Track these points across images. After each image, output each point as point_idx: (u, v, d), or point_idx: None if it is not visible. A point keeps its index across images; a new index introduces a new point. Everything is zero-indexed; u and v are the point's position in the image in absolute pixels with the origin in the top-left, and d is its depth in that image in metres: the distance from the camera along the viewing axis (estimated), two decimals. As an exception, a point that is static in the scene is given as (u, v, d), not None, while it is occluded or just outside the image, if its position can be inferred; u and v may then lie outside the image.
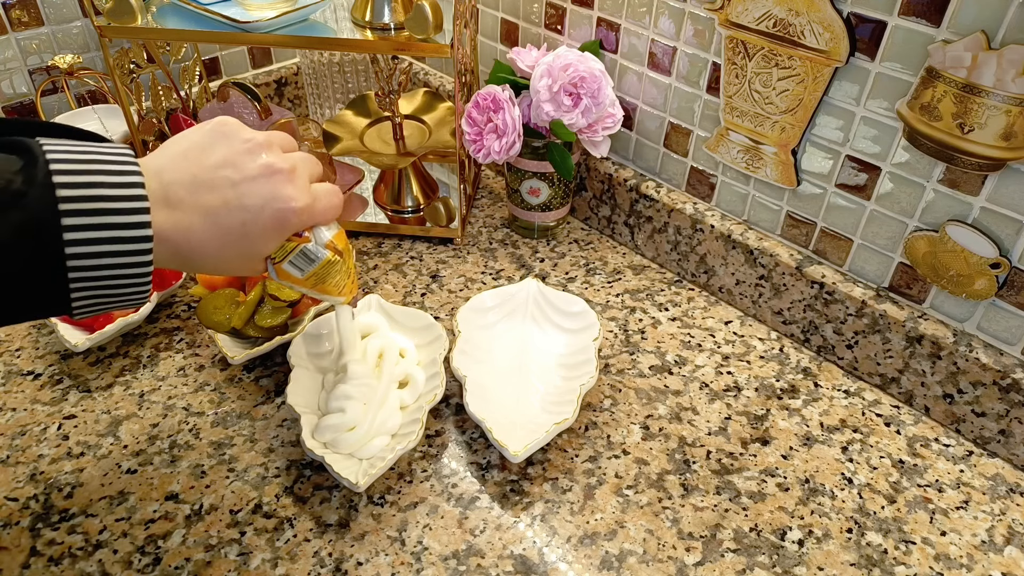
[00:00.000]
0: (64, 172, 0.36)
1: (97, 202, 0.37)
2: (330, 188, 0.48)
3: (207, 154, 0.43)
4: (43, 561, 0.53)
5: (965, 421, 0.63)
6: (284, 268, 0.47)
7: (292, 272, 0.48)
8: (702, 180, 0.76)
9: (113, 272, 0.38)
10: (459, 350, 0.65)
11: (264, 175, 0.44)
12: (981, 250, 0.57)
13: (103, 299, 0.39)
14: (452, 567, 0.53)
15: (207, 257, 0.43)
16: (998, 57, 0.51)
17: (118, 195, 0.37)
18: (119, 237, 0.37)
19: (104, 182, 0.37)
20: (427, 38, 0.71)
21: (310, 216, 0.46)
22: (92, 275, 0.37)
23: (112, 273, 0.38)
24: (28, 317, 0.39)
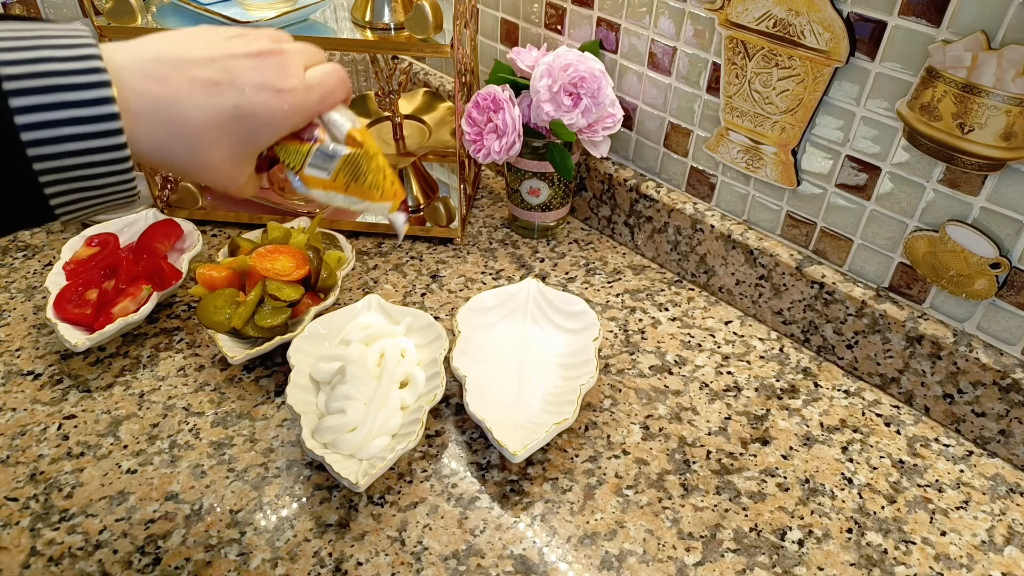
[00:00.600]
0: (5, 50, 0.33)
1: (46, 78, 0.33)
2: (328, 68, 0.43)
3: (195, 36, 0.39)
4: (43, 561, 0.53)
5: (965, 421, 0.63)
6: (307, 173, 0.43)
7: (317, 175, 0.43)
8: (702, 180, 0.76)
9: (83, 160, 0.34)
10: (459, 350, 0.65)
11: (260, 54, 0.40)
12: (981, 250, 0.57)
13: (82, 192, 0.35)
14: (452, 567, 0.53)
15: (192, 143, 0.38)
16: (998, 57, 0.51)
17: (70, 69, 0.34)
18: (79, 117, 0.34)
19: (53, 56, 0.33)
20: (427, 38, 0.71)
21: (305, 103, 0.42)
22: (60, 164, 0.34)
23: (82, 161, 0.34)
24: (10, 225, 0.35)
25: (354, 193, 0.45)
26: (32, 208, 0.35)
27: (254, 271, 0.70)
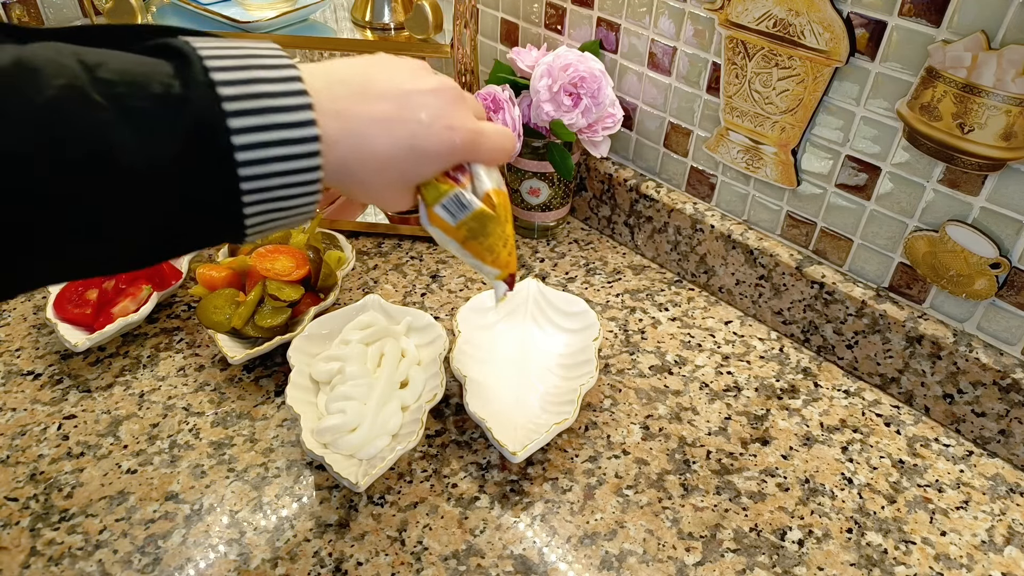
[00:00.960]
0: (222, 69, 0.33)
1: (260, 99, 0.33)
2: (502, 129, 0.46)
3: (377, 67, 0.41)
4: (43, 561, 0.53)
5: (965, 421, 0.63)
6: (436, 211, 0.44)
7: (444, 217, 0.44)
8: (702, 180, 0.76)
9: (284, 180, 0.35)
10: (459, 350, 0.65)
11: (437, 91, 0.41)
12: (981, 250, 0.57)
13: (274, 212, 0.36)
14: (452, 567, 0.53)
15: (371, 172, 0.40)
16: (998, 57, 0.51)
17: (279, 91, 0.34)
18: (287, 139, 0.34)
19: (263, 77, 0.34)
20: (427, 38, 0.71)
21: (475, 146, 0.43)
22: (263, 185, 0.34)
23: (283, 181, 0.35)
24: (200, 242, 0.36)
25: (470, 249, 0.46)
26: (228, 227, 0.35)
27: (254, 271, 0.70)
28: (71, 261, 0.33)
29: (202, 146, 0.32)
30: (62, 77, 0.30)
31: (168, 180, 0.32)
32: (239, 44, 0.35)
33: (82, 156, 0.30)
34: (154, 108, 0.31)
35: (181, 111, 0.32)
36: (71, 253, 0.32)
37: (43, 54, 0.30)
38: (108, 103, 0.30)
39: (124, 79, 0.31)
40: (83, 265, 0.34)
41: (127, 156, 0.30)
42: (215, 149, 0.33)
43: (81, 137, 0.30)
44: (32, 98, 0.29)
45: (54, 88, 0.29)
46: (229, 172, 0.33)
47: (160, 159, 0.31)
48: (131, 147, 0.30)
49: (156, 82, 0.32)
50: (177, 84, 0.32)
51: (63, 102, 0.29)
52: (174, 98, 0.32)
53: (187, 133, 0.32)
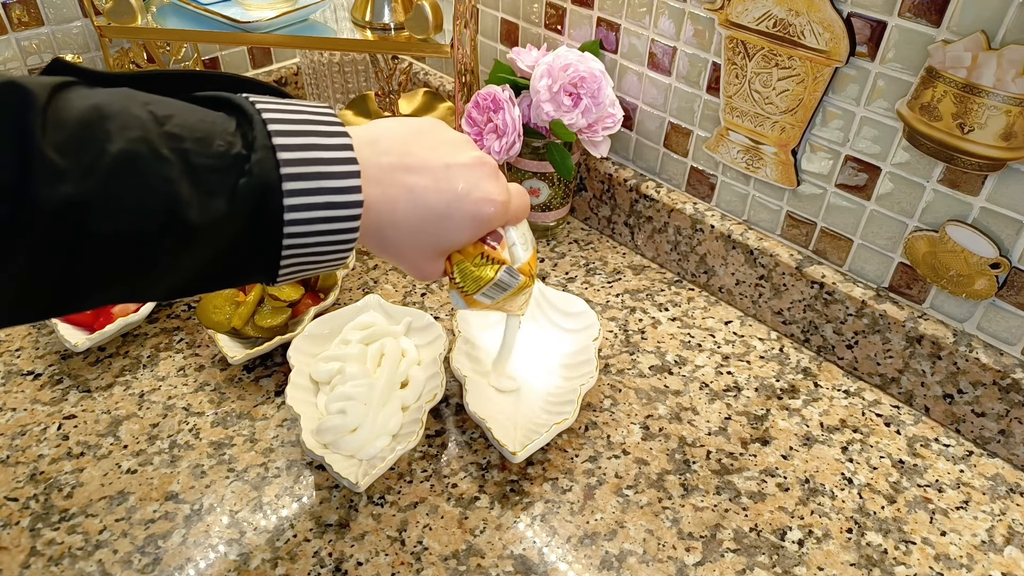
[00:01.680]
0: (282, 134, 0.35)
1: (314, 165, 0.35)
2: (520, 189, 0.48)
3: (419, 138, 0.43)
4: (43, 561, 0.53)
5: (965, 421, 0.63)
6: (477, 299, 0.47)
7: (483, 301, 0.47)
8: (702, 180, 0.76)
9: (321, 239, 0.37)
10: (459, 350, 0.65)
11: (475, 165, 0.43)
12: (981, 250, 0.57)
13: (305, 266, 0.38)
14: (452, 567, 0.53)
15: (402, 236, 0.42)
16: (998, 57, 0.51)
17: (332, 158, 0.36)
18: (332, 203, 0.36)
19: (319, 144, 0.36)
20: (427, 38, 0.71)
21: (505, 213, 0.45)
22: (302, 242, 0.36)
23: (320, 240, 0.37)
24: (231, 284, 0.38)
25: (498, 308, 0.49)
26: (260, 271, 0.37)
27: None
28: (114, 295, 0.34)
29: (257, 206, 0.34)
30: (135, 129, 0.31)
31: (220, 234, 0.34)
32: (296, 105, 0.37)
33: (146, 207, 0.31)
34: (217, 166, 0.33)
35: (242, 172, 0.33)
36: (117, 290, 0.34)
37: (118, 102, 0.32)
38: (175, 158, 0.32)
39: (191, 135, 0.33)
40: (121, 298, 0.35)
41: (188, 210, 0.32)
42: (268, 210, 0.34)
43: (148, 189, 0.31)
44: (107, 148, 0.30)
45: (127, 140, 0.31)
46: (276, 231, 0.35)
47: (217, 215, 0.33)
48: (192, 202, 0.32)
49: (219, 139, 0.33)
50: (239, 144, 0.34)
51: (135, 155, 0.31)
52: (235, 157, 0.33)
53: (244, 194, 0.33)
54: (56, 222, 0.29)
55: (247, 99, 0.36)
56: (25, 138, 0.28)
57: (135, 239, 0.31)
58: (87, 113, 0.31)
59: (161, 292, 0.36)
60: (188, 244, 0.33)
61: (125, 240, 0.31)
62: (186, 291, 0.37)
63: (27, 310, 0.33)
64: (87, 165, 0.30)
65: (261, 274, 0.38)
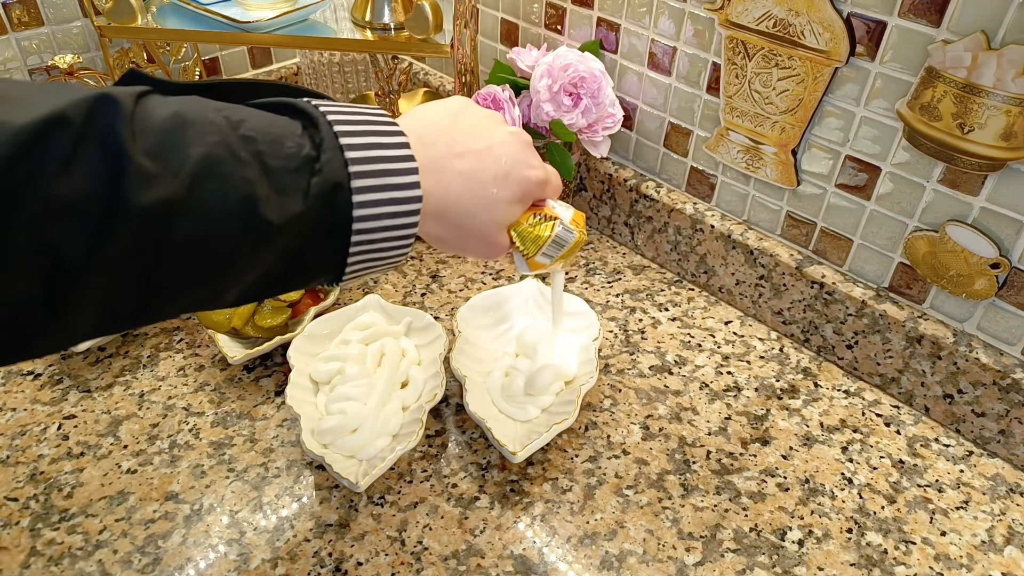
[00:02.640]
0: (348, 134, 0.37)
1: (378, 163, 0.37)
2: (552, 169, 0.51)
3: (457, 122, 0.45)
4: (43, 561, 0.53)
5: (965, 421, 0.63)
6: (537, 260, 0.50)
7: (543, 261, 0.50)
8: (702, 180, 0.76)
9: (386, 235, 0.39)
10: (459, 350, 0.65)
11: (513, 142, 0.46)
12: (981, 250, 0.57)
13: (369, 263, 0.40)
14: (452, 567, 0.53)
15: (461, 218, 0.44)
16: (998, 57, 0.51)
17: (393, 155, 0.38)
18: (396, 198, 0.38)
19: (381, 143, 0.38)
20: (427, 38, 0.71)
21: (546, 186, 0.49)
22: (369, 238, 0.38)
23: (385, 236, 0.39)
24: (301, 284, 0.40)
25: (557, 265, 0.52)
26: (329, 269, 0.39)
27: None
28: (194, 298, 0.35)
29: (329, 204, 0.36)
30: (214, 134, 0.33)
31: (293, 232, 0.35)
32: (354, 107, 0.39)
33: (228, 207, 0.32)
34: (289, 166, 0.35)
35: (313, 172, 0.35)
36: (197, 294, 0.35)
37: (195, 109, 0.33)
38: (252, 160, 0.33)
39: (264, 138, 0.34)
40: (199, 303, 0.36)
41: (266, 209, 0.33)
42: (338, 207, 0.36)
43: (230, 190, 0.32)
44: (190, 153, 0.32)
45: (207, 144, 0.32)
46: (346, 227, 0.37)
47: (292, 212, 0.34)
48: (270, 201, 0.34)
49: (290, 141, 0.35)
50: (308, 145, 0.36)
51: (216, 158, 0.32)
52: (306, 158, 0.35)
53: (317, 192, 0.35)
54: (147, 225, 0.30)
55: (309, 103, 0.38)
56: (117, 147, 0.30)
57: (219, 238, 0.33)
58: (169, 120, 0.32)
59: (235, 295, 0.37)
60: (266, 243, 0.34)
61: (210, 240, 0.32)
62: (260, 293, 0.38)
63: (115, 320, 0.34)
64: (174, 169, 0.31)
65: (329, 272, 0.39)
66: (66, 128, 0.29)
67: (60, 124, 0.29)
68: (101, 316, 0.32)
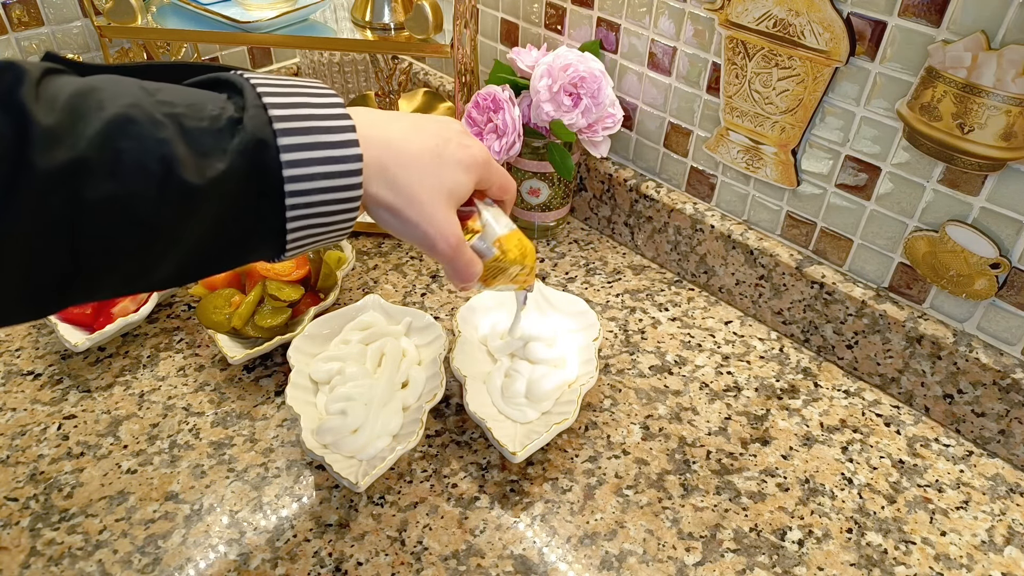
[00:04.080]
0: (272, 94, 0.36)
1: (307, 120, 0.36)
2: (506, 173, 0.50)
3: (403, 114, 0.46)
4: (43, 561, 0.53)
5: (965, 421, 0.63)
6: None
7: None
8: (702, 180, 0.76)
9: (326, 196, 0.37)
10: (459, 350, 0.65)
11: (451, 122, 0.47)
12: (981, 250, 0.57)
13: (313, 231, 0.38)
14: (452, 567, 0.53)
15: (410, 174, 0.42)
16: (998, 57, 0.51)
17: (324, 113, 0.37)
18: (332, 157, 0.37)
19: (310, 102, 0.37)
20: (427, 38, 0.71)
21: (488, 168, 0.47)
22: (307, 200, 0.37)
23: (325, 198, 0.37)
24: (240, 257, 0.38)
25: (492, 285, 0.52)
26: (269, 242, 0.38)
27: (254, 271, 0.70)
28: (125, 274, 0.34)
29: (253, 163, 0.35)
30: (127, 97, 0.32)
31: (219, 195, 0.34)
32: (287, 79, 0.38)
33: (143, 167, 0.32)
34: (210, 128, 0.34)
35: (235, 130, 0.34)
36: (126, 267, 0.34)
37: (108, 79, 0.33)
38: (168, 121, 0.32)
39: (183, 102, 0.34)
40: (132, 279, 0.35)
41: (184, 171, 0.32)
42: (265, 165, 0.35)
43: (144, 150, 0.32)
44: (100, 115, 0.31)
45: (119, 106, 0.31)
46: (276, 188, 0.35)
47: (215, 174, 0.33)
48: (189, 163, 0.32)
49: (211, 105, 0.34)
50: (231, 109, 0.35)
51: (128, 118, 0.31)
52: (228, 120, 0.34)
53: (240, 151, 0.34)
54: (55, 189, 0.30)
55: (234, 73, 0.37)
56: (19, 109, 0.29)
57: (136, 202, 0.32)
58: (79, 88, 0.31)
59: (171, 270, 0.36)
60: (190, 208, 0.33)
61: (125, 204, 0.31)
62: (197, 268, 0.37)
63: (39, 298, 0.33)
64: (81, 130, 0.30)
65: (269, 243, 0.38)
66: None
67: None
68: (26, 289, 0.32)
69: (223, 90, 0.36)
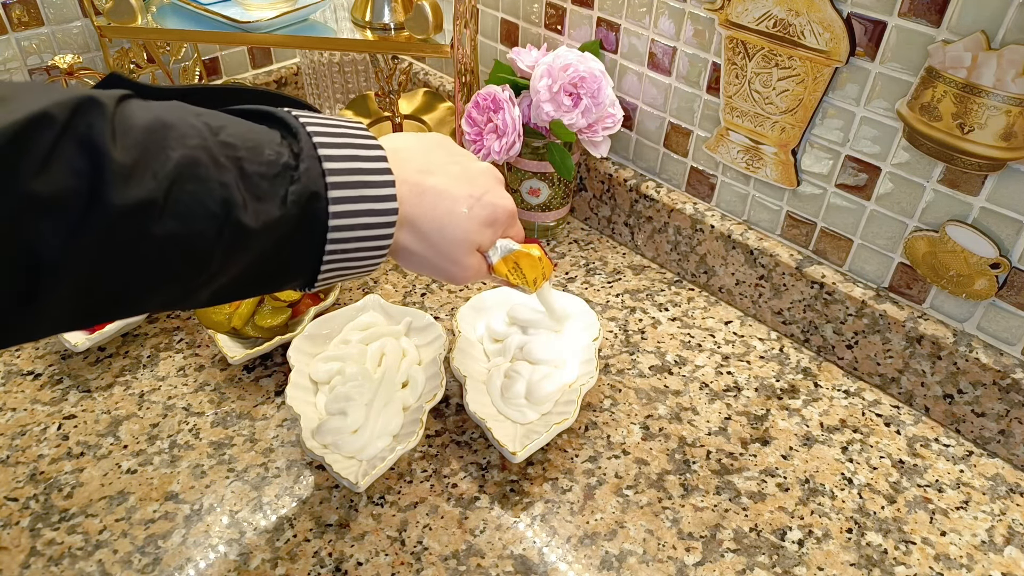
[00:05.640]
0: (326, 145, 0.38)
1: (355, 175, 0.38)
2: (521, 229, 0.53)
3: (436, 149, 0.47)
4: (43, 561, 0.53)
5: (965, 421, 0.63)
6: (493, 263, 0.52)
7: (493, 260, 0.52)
8: (702, 180, 0.76)
9: (360, 245, 0.40)
10: (459, 350, 0.65)
11: (487, 172, 0.49)
12: (981, 250, 0.57)
13: (342, 270, 0.41)
14: (452, 567, 0.53)
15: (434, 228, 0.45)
16: (998, 57, 0.51)
17: (371, 168, 0.39)
18: (371, 210, 0.39)
19: (359, 156, 0.39)
20: (427, 38, 0.71)
21: (513, 217, 0.50)
22: (343, 247, 0.39)
23: (359, 246, 0.40)
24: (273, 288, 0.41)
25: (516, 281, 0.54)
26: (302, 275, 0.40)
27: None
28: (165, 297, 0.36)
29: (305, 212, 0.37)
30: (194, 137, 0.33)
31: (268, 237, 0.36)
32: (334, 119, 0.40)
33: (206, 209, 0.33)
34: (267, 173, 0.35)
35: (291, 180, 0.36)
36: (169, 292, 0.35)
37: (175, 113, 0.34)
38: (231, 165, 0.34)
39: (244, 144, 0.35)
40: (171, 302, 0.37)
41: (243, 214, 0.34)
42: (315, 216, 0.37)
43: (208, 193, 0.33)
44: (170, 155, 0.32)
45: (187, 147, 0.33)
46: (321, 236, 0.38)
47: (269, 219, 0.35)
48: (248, 207, 0.34)
49: (269, 149, 0.36)
50: (287, 154, 0.37)
51: (196, 161, 0.33)
52: (284, 167, 0.36)
53: (295, 200, 0.36)
54: (124, 224, 0.31)
55: (289, 112, 0.38)
56: (97, 148, 0.30)
57: (195, 240, 0.33)
58: (150, 123, 0.33)
59: (207, 296, 0.37)
60: (241, 247, 0.35)
61: (185, 242, 0.33)
62: (230, 294, 0.39)
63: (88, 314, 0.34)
64: (154, 170, 0.32)
65: (301, 277, 0.40)
66: (48, 126, 0.29)
67: (42, 122, 0.29)
68: (75, 310, 0.33)
69: (275, 126, 0.38)
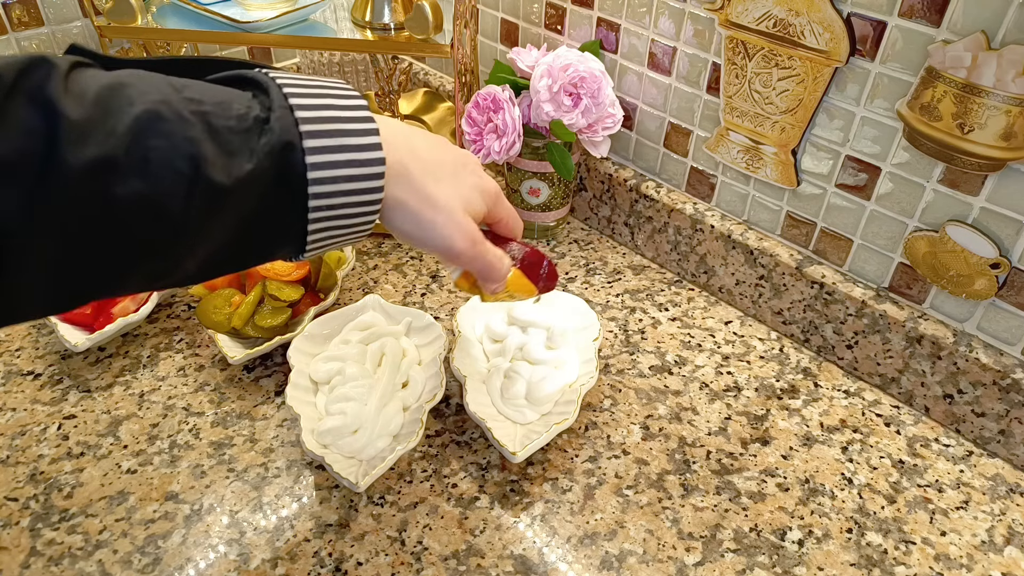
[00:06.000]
0: (298, 95, 0.36)
1: (333, 123, 0.36)
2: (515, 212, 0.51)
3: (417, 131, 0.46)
4: (43, 561, 0.53)
5: (965, 421, 0.63)
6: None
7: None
8: (702, 180, 0.76)
9: (348, 199, 0.37)
10: (459, 350, 0.65)
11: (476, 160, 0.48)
12: (981, 250, 0.57)
13: (333, 231, 0.39)
14: (452, 567, 0.53)
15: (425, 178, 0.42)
16: (998, 57, 0.51)
17: (349, 116, 0.37)
18: (355, 160, 0.37)
19: (335, 104, 0.37)
20: (427, 38, 0.71)
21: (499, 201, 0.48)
22: (329, 202, 0.37)
23: (347, 200, 0.37)
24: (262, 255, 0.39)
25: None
26: (290, 241, 0.38)
27: (254, 271, 0.70)
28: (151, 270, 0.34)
29: (280, 164, 0.35)
30: (155, 93, 0.32)
31: (247, 196, 0.34)
32: (308, 77, 0.38)
33: (172, 166, 0.31)
34: (237, 127, 0.34)
35: (262, 130, 0.34)
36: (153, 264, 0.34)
37: (135, 74, 0.33)
38: (196, 120, 0.32)
39: (211, 100, 0.34)
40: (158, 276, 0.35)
41: (212, 170, 0.32)
42: (292, 169, 0.35)
43: (172, 149, 0.31)
44: (129, 111, 0.31)
45: (148, 102, 0.31)
46: (301, 190, 0.36)
47: (241, 174, 0.33)
48: (217, 162, 0.33)
49: (238, 104, 0.34)
50: (257, 108, 0.35)
51: (157, 115, 0.31)
52: (255, 120, 0.34)
53: (267, 152, 0.34)
54: (84, 185, 0.29)
55: (259, 71, 0.37)
56: (49, 103, 0.29)
57: (164, 201, 0.32)
58: (108, 82, 0.31)
59: (194, 267, 0.36)
60: (216, 207, 0.33)
61: (154, 202, 0.31)
62: (219, 266, 0.37)
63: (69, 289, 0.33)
64: (111, 126, 0.30)
65: (290, 243, 0.38)
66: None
67: None
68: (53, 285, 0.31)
69: (247, 88, 0.36)
